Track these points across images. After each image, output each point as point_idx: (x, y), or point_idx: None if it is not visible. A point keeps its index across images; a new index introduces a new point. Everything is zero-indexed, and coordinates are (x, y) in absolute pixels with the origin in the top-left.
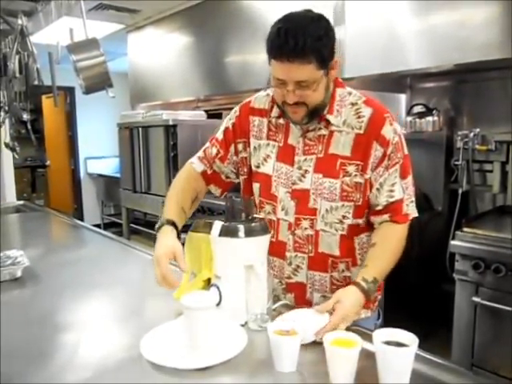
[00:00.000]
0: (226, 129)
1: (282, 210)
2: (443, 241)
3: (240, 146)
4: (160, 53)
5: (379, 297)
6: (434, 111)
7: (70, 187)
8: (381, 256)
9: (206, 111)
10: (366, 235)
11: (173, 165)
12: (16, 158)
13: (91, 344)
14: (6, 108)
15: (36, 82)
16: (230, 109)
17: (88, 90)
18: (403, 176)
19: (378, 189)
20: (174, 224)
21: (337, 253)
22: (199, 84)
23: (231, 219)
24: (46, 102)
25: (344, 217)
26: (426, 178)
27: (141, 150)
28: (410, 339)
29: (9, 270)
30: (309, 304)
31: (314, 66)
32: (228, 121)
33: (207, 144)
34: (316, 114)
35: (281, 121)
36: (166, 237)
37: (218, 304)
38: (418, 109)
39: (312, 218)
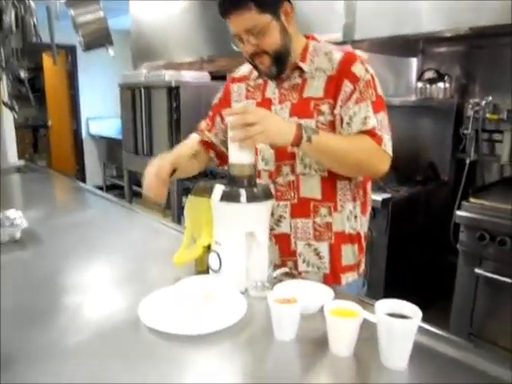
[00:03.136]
0: (215, 104)
1: (262, 160)
2: (448, 211)
3: None
4: (163, 10)
5: (363, 265)
6: (446, 77)
7: (71, 148)
8: (337, 136)
9: (210, 73)
10: (352, 182)
11: (175, 127)
12: (15, 117)
13: (91, 307)
14: (3, 65)
15: (34, 39)
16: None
17: (87, 47)
18: (376, 111)
19: (348, 123)
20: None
21: (319, 196)
22: (203, 44)
23: (233, 184)
24: (47, 60)
25: None
26: (433, 146)
27: (143, 111)
28: (413, 311)
29: (8, 231)
30: (294, 255)
31: (255, 11)
32: (216, 97)
33: (202, 120)
34: (281, 60)
35: (259, 81)
36: (160, 159)
37: (218, 270)
38: (429, 74)
39: (291, 162)
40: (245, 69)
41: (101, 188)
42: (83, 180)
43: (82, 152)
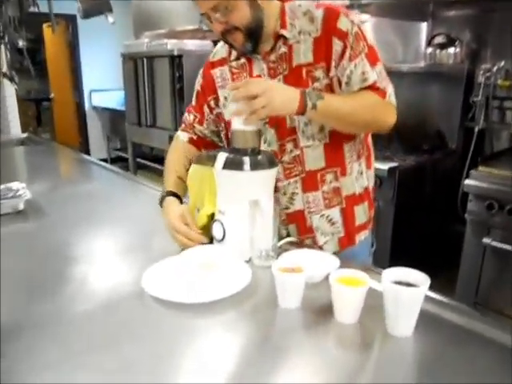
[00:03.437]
0: (197, 93)
1: (265, 142)
2: (456, 180)
3: (212, 103)
4: None
5: (372, 219)
6: (456, 42)
7: (75, 121)
8: (342, 97)
9: (213, 42)
10: (356, 141)
11: (178, 98)
12: (16, 88)
13: (95, 277)
14: (0, 34)
15: (31, 8)
16: None
17: (86, 14)
18: (372, 64)
19: (346, 83)
20: (174, 194)
21: (323, 164)
22: None
23: (236, 152)
24: (48, 32)
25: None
26: (441, 114)
27: (146, 82)
28: (421, 279)
29: (10, 202)
30: (311, 232)
31: None
32: (197, 85)
33: (185, 114)
34: (255, 34)
35: (241, 60)
36: (172, 205)
37: (222, 240)
38: (438, 39)
39: (294, 137)
40: (222, 50)
41: (105, 160)
42: (87, 153)
43: (86, 125)
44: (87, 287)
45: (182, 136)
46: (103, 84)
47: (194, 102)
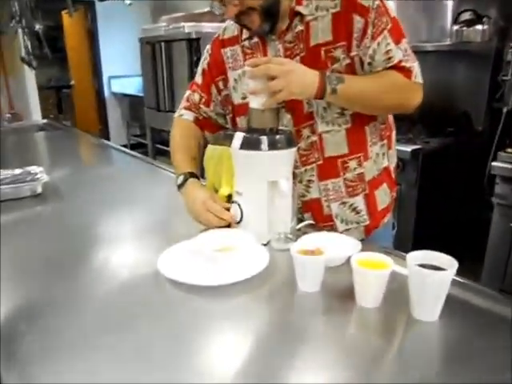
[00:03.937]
0: (203, 71)
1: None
2: (482, 163)
3: (220, 84)
4: None
5: (393, 200)
6: (484, 19)
7: (94, 108)
8: (364, 79)
9: None
10: (378, 122)
11: None
12: (34, 73)
13: (112, 259)
14: (17, 18)
15: None
16: None
17: None
18: (396, 40)
19: (369, 63)
20: (194, 175)
21: (345, 150)
22: None
23: (253, 131)
24: (66, 19)
25: (343, 107)
26: (468, 95)
27: (164, 66)
28: (447, 263)
29: (29, 185)
30: (329, 220)
31: None
32: (203, 62)
33: (187, 92)
34: (272, 13)
35: (255, 40)
36: (197, 186)
37: (239, 222)
38: (465, 16)
39: (311, 123)
40: (232, 27)
41: (125, 147)
42: (107, 139)
43: (105, 111)
44: (105, 269)
45: (186, 116)
46: (122, 70)
47: (199, 80)
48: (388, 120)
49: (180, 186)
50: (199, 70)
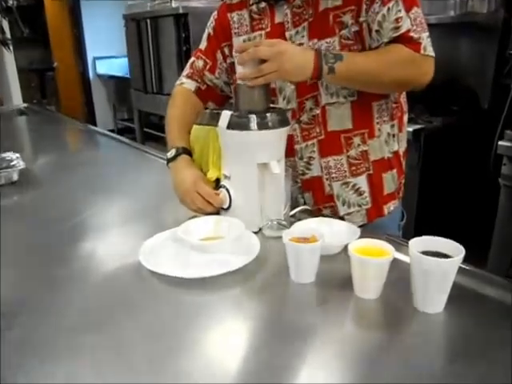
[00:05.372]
0: (209, 35)
1: (284, 99)
2: (488, 143)
3: (226, 51)
4: None
5: (402, 187)
6: None
7: (79, 91)
8: (366, 55)
9: None
10: (390, 100)
11: (186, 61)
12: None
13: (94, 250)
14: None
15: None
16: None
17: None
18: (408, 8)
19: (377, 30)
20: (187, 151)
21: (349, 126)
22: None
23: (242, 109)
24: None
25: None
26: (473, 71)
27: (150, 45)
28: (453, 249)
29: (4, 173)
30: (330, 200)
31: None
32: (209, 26)
33: (192, 58)
34: None
35: (262, 4)
36: (189, 165)
37: (228, 208)
38: None
39: (315, 94)
40: None
41: (112, 131)
42: (94, 124)
43: (91, 94)
44: (86, 261)
45: (188, 85)
46: (108, 51)
47: (203, 46)
48: (400, 100)
49: (170, 160)
50: (204, 35)
